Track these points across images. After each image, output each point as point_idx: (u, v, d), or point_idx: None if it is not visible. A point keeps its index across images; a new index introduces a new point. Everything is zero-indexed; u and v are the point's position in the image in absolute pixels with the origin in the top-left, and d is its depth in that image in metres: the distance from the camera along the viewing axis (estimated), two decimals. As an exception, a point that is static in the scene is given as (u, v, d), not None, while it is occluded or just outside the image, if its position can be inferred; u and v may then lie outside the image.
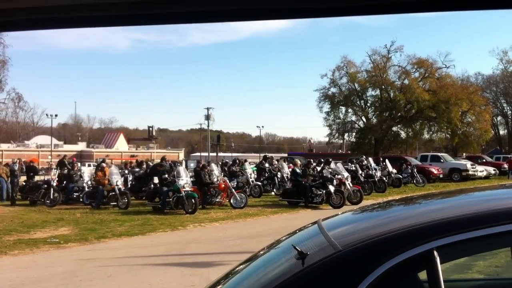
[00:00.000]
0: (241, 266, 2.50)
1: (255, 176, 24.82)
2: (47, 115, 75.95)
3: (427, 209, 2.44)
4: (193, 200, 17.48)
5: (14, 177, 22.37)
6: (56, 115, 75.58)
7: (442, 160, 37.27)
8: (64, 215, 17.23)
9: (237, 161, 27.76)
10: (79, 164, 25.25)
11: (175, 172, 18.73)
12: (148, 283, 8.01)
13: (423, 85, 55.26)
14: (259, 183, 24.10)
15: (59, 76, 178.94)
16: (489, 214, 1.91)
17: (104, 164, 21.28)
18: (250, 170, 24.60)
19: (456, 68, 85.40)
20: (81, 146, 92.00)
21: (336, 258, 1.85)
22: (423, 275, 1.79)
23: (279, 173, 25.82)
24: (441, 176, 34.51)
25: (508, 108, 76.96)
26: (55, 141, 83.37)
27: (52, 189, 20.05)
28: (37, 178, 26.02)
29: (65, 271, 8.93)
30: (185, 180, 18.12)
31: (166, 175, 18.91)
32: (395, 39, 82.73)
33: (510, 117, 76.90)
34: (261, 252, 2.57)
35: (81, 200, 20.44)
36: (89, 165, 34.64)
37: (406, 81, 55.19)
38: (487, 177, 37.14)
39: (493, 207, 2.02)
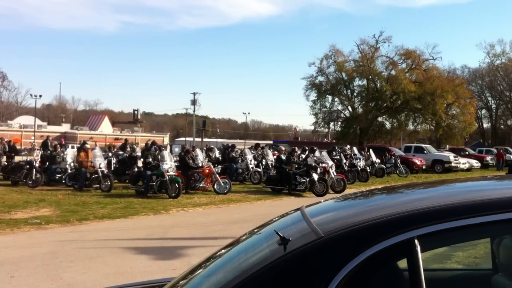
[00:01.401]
0: (223, 251, 2.49)
1: (255, 162, 24.82)
2: (31, 95, 74.99)
3: (409, 198, 2.45)
4: (176, 184, 17.46)
5: (-4, 157, 22.16)
6: (40, 96, 74.57)
7: (425, 152, 37.64)
8: (46, 196, 17.12)
9: (234, 146, 27.56)
10: (60, 145, 24.98)
11: (159, 156, 18.68)
12: (129, 266, 7.99)
13: (409, 76, 55.54)
14: (259, 170, 24.13)
15: (44, 56, 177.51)
16: (470, 205, 1.92)
17: (87, 146, 21.10)
18: (250, 156, 24.60)
19: (443, 61, 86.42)
20: (65, 127, 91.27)
21: (317, 245, 1.85)
22: (403, 263, 1.80)
23: (263, 160, 25.89)
24: (424, 167, 34.86)
25: (492, 101, 77.91)
26: (38, 121, 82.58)
27: (34, 169, 19.89)
28: (19, 158, 25.81)
29: (45, 252, 8.88)
30: (169, 164, 18.07)
31: (150, 159, 18.85)
32: (383, 29, 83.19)
33: (494, 110, 77.82)
34: (243, 237, 2.56)
35: (63, 181, 20.33)
36: (72, 147, 34.32)
37: (393, 72, 55.41)
38: (469, 169, 37.61)
39: (474, 198, 2.03)
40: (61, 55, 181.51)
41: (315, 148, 25.76)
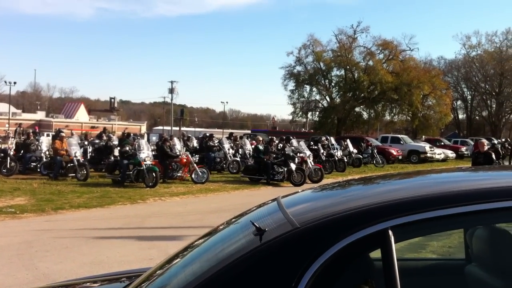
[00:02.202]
0: (200, 241, 2.50)
1: (233, 151, 24.77)
2: (5, 82, 73.72)
3: (384, 189, 2.47)
4: (153, 173, 17.36)
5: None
6: (14, 83, 73.37)
7: (402, 142, 38.01)
8: (20, 185, 16.89)
9: (212, 135, 27.44)
10: (33, 133, 24.64)
11: (136, 145, 18.55)
12: (105, 256, 7.95)
13: (387, 67, 56.00)
14: (238, 159, 24.07)
15: (18, 42, 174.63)
16: (444, 196, 1.95)
17: (62, 134, 20.84)
18: (228, 145, 24.54)
19: (420, 52, 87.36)
20: (40, 115, 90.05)
21: (293, 235, 1.87)
22: (377, 253, 1.82)
23: (241, 149, 25.88)
24: (400, 157, 35.24)
25: (468, 92, 78.89)
26: (13, 109, 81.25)
27: (9, 158, 19.58)
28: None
29: (20, 242, 8.79)
30: (146, 153, 17.96)
31: (127, 148, 18.70)
32: (361, 19, 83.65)
33: (469, 102, 78.80)
34: (220, 227, 2.57)
35: (38, 170, 20.05)
36: (47, 135, 33.90)
37: (370, 62, 55.81)
38: (444, 159, 38.07)
39: (448, 189, 2.06)
40: (36, 41, 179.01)
41: (291, 137, 25.83)
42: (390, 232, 1.78)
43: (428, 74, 54.81)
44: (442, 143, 45.38)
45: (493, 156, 12.91)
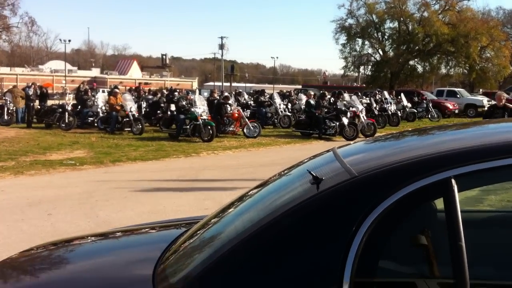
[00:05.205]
0: (254, 190, 2.51)
1: (284, 107, 24.74)
2: (60, 40, 75.27)
3: (442, 139, 2.41)
4: (210, 128, 17.54)
5: (30, 101, 22.56)
6: (69, 41, 74.57)
7: (458, 96, 36.88)
8: (79, 138, 17.47)
9: (263, 91, 27.55)
10: (91, 89, 25.42)
11: (192, 101, 18.75)
12: (162, 205, 8.20)
13: (442, 18, 53.86)
14: (289, 114, 24.08)
15: (72, 1, 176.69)
16: (507, 145, 1.88)
17: (117, 90, 21.30)
18: (279, 100, 24.55)
19: (478, 1, 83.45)
20: (95, 72, 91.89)
21: (351, 184, 1.84)
22: (439, 203, 1.79)
23: (295, 104, 25.83)
24: (456, 111, 34.24)
25: (529, 44, 75.11)
26: (69, 66, 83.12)
27: (67, 113, 20.22)
28: (52, 102, 26.28)
29: (81, 192, 9.15)
30: (202, 108, 18.12)
31: (184, 103, 18.93)
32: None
33: (530, 53, 75.18)
34: (275, 177, 2.57)
35: (95, 125, 20.66)
36: (103, 91, 34.61)
37: (425, 14, 53.77)
38: (502, 114, 36.74)
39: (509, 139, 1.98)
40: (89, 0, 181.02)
41: (342, 91, 25.47)
42: (453, 181, 1.73)
43: (486, 25, 52.44)
44: (501, 97, 43.76)
45: None
